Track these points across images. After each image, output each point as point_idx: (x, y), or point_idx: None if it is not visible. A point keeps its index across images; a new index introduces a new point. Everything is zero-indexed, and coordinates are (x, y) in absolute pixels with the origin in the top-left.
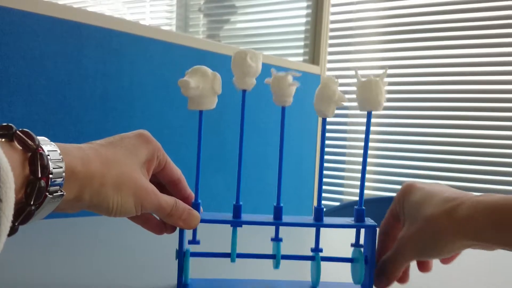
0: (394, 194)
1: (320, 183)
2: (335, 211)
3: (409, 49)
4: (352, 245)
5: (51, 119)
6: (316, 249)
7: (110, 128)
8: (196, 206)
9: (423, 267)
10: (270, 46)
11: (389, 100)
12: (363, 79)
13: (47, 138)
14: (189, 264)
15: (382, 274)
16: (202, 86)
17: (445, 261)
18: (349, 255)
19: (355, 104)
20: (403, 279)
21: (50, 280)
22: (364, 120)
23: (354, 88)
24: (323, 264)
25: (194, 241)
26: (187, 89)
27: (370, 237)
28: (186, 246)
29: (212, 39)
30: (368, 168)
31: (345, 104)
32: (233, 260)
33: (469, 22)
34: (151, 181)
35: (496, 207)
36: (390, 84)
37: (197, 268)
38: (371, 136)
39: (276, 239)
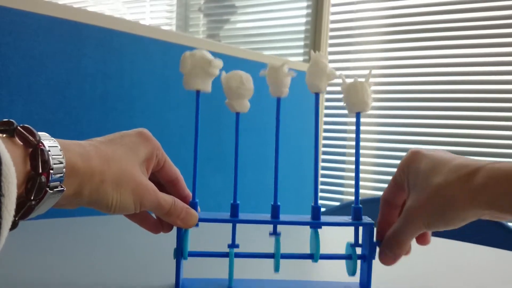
0: None
1: (316, 180)
2: (335, 211)
3: (409, 49)
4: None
5: (51, 119)
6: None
7: (110, 128)
8: (193, 205)
9: (422, 239)
10: (270, 46)
11: (388, 99)
12: (349, 81)
13: None
14: (188, 237)
15: (388, 248)
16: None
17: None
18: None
19: None
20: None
21: (49, 279)
22: (364, 120)
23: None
24: (321, 263)
25: None
26: (218, 69)
27: (367, 235)
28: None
29: (212, 39)
30: (368, 168)
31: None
32: (230, 285)
33: (470, 22)
34: (150, 180)
35: None
36: (390, 84)
37: (194, 268)
38: (371, 136)
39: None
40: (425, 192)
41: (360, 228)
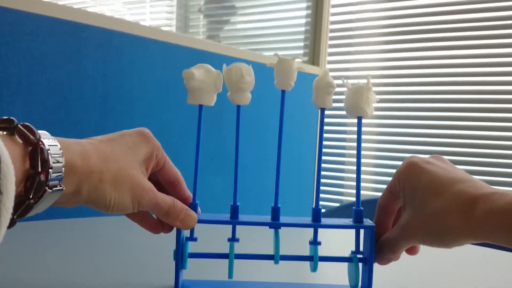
0: None
1: (318, 182)
2: (335, 212)
3: (409, 49)
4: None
5: (51, 119)
6: (315, 241)
7: (110, 129)
8: (193, 206)
9: (412, 250)
10: (270, 46)
11: (388, 100)
12: (352, 86)
13: None
14: (187, 250)
15: (383, 252)
16: (206, 81)
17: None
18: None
19: None
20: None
21: (49, 280)
22: (363, 120)
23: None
24: (321, 265)
25: (191, 237)
26: (190, 80)
27: (368, 238)
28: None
29: (212, 40)
30: (367, 168)
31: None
32: (230, 277)
33: (469, 22)
34: (150, 180)
35: (509, 210)
36: (390, 84)
37: (194, 269)
38: (371, 137)
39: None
40: (422, 214)
41: (361, 231)
